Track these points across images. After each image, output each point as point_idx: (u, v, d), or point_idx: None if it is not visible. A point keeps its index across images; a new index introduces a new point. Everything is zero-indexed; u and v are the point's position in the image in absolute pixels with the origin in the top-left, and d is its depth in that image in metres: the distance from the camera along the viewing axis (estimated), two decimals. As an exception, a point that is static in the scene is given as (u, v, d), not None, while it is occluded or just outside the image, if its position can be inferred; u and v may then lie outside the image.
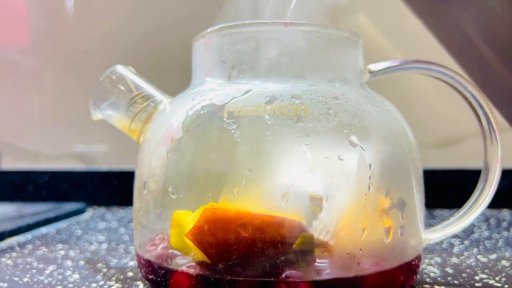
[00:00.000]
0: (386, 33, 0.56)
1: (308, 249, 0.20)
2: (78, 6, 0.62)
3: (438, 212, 0.52)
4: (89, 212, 0.55)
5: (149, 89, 0.27)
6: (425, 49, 0.55)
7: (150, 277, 0.23)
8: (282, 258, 0.20)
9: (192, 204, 0.22)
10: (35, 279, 0.27)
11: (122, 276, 0.28)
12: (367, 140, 0.22)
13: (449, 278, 0.26)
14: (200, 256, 0.21)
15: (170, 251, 0.23)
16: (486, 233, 0.40)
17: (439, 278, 0.26)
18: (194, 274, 0.21)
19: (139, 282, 0.26)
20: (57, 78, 0.64)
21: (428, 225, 0.26)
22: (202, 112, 0.23)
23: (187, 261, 0.22)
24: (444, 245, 0.35)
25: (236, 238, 0.20)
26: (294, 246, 0.20)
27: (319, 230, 0.20)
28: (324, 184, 0.20)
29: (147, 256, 0.24)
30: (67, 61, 0.63)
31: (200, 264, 0.21)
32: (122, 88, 0.26)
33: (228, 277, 0.20)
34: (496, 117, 0.25)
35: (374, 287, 0.21)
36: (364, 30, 0.56)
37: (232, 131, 0.21)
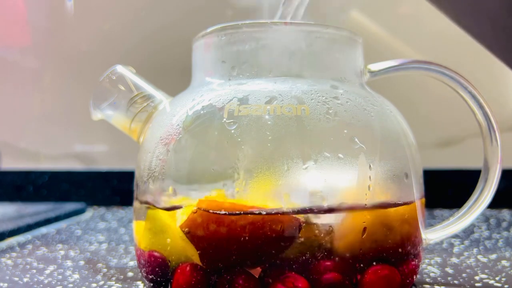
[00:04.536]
0: (380, 22, 0.56)
1: (307, 249, 0.20)
2: (78, 6, 0.62)
3: (438, 212, 0.52)
4: (89, 212, 0.55)
5: (149, 89, 0.27)
6: (423, 37, 0.55)
7: (151, 276, 0.23)
8: (279, 257, 0.20)
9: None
10: (35, 279, 0.27)
11: (122, 276, 0.28)
12: (367, 140, 0.22)
13: (449, 278, 0.26)
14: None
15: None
16: (486, 233, 0.40)
17: (439, 278, 0.26)
18: (194, 271, 0.21)
19: (139, 282, 0.26)
20: (57, 78, 0.64)
21: (428, 225, 0.26)
22: (202, 112, 0.23)
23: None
24: (444, 245, 0.35)
25: (232, 232, 0.20)
26: (292, 245, 0.20)
27: (318, 230, 0.20)
28: (324, 184, 0.21)
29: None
30: (67, 61, 0.63)
31: (200, 261, 0.21)
32: (122, 88, 0.26)
33: (228, 277, 0.20)
34: (496, 117, 0.25)
35: (374, 287, 0.21)
36: (360, 22, 0.56)
37: (232, 131, 0.21)
